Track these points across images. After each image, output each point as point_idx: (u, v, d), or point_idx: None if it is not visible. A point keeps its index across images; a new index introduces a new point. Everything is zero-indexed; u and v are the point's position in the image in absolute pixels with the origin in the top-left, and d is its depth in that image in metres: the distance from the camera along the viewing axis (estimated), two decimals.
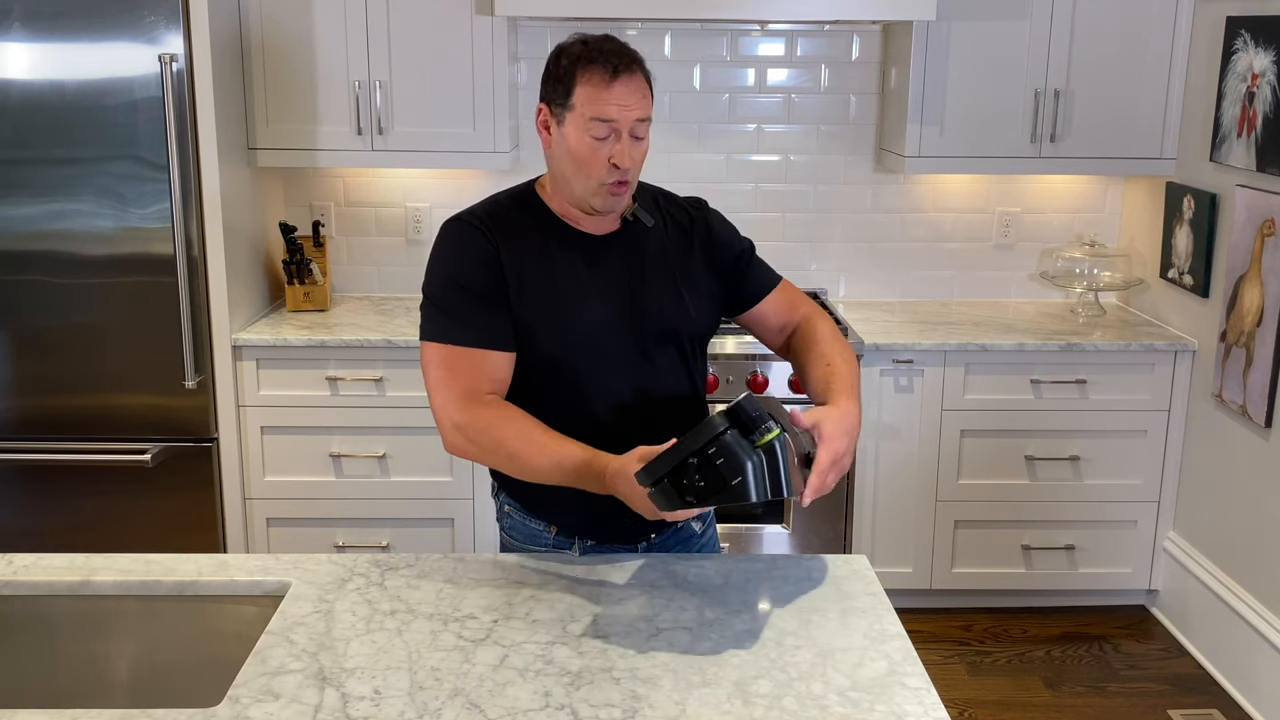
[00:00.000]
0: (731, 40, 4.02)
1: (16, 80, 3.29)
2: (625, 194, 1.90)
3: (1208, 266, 3.61)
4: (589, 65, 1.83)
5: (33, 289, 3.41)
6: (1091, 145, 3.77)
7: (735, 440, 1.59)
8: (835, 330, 2.08)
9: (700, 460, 1.59)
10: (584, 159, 1.85)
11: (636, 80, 1.85)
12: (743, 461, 1.58)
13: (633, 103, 1.83)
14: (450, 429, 1.88)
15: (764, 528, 3.73)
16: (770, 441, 1.61)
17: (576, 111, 1.84)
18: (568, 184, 1.91)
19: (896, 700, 1.58)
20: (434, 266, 1.95)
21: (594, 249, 1.96)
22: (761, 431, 1.61)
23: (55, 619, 1.88)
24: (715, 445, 1.59)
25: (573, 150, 1.86)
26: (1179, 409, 3.71)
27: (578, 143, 1.85)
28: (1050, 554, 3.80)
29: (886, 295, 4.22)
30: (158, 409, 3.49)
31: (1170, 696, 3.41)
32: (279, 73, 3.65)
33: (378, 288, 4.16)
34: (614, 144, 1.84)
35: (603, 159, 1.85)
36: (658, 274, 1.98)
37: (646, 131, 1.88)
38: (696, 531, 2.12)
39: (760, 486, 1.60)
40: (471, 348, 1.88)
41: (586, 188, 1.88)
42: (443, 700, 1.56)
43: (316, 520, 3.67)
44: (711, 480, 1.59)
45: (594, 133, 1.83)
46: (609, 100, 1.82)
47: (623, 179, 1.86)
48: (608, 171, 1.85)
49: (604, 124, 1.83)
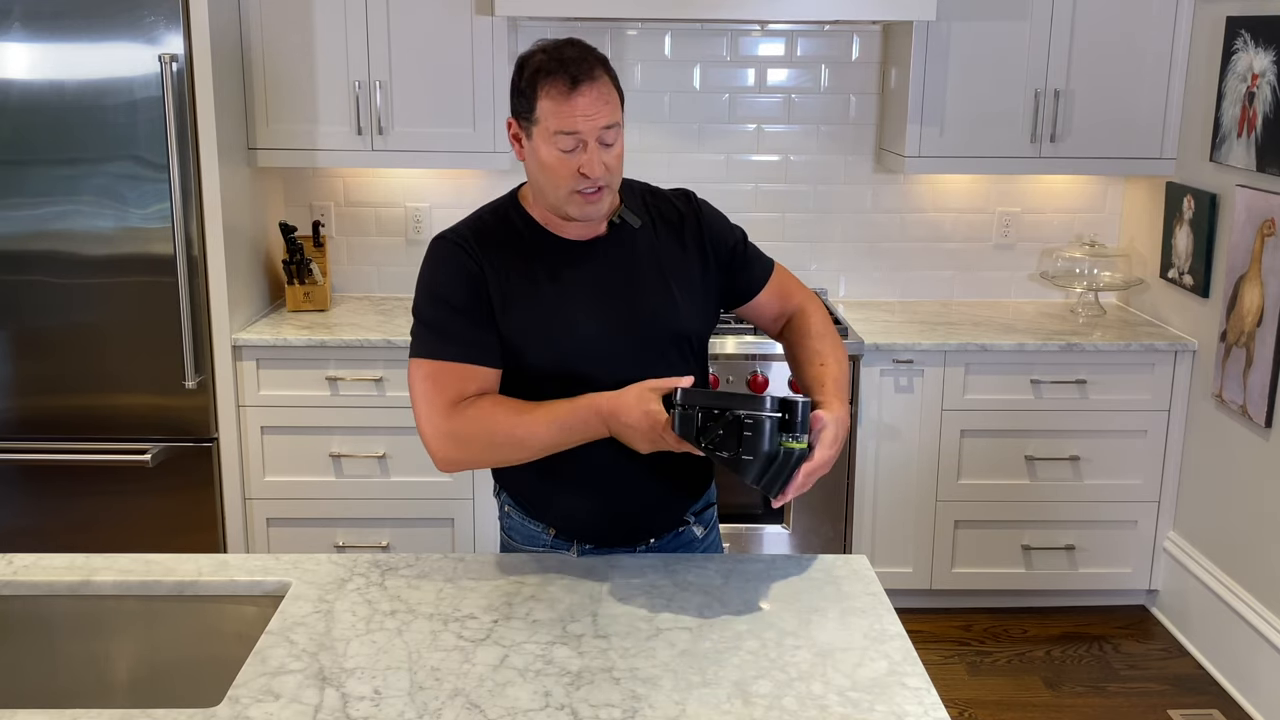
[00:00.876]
0: (731, 40, 4.02)
1: (16, 80, 3.29)
2: (602, 199, 1.87)
3: (1208, 266, 3.61)
4: (548, 77, 1.80)
5: (33, 289, 3.41)
6: (1091, 145, 3.77)
7: (773, 429, 1.71)
8: (827, 322, 2.10)
9: (734, 420, 1.70)
10: (554, 170, 1.84)
11: (599, 87, 1.81)
12: (762, 449, 1.70)
13: (595, 111, 1.80)
14: (439, 440, 1.85)
15: (764, 528, 3.73)
16: (794, 449, 1.73)
17: (541, 125, 1.82)
18: (543, 194, 1.90)
19: (896, 700, 1.58)
20: (420, 286, 1.94)
21: (581, 255, 1.94)
22: (796, 438, 1.73)
23: (55, 619, 1.88)
24: (753, 419, 1.70)
25: (543, 163, 1.84)
26: (1179, 409, 3.71)
27: (546, 155, 1.83)
28: (1050, 554, 3.80)
29: (886, 295, 4.22)
30: (158, 409, 3.49)
31: (1170, 696, 3.41)
32: (279, 72, 3.65)
33: (378, 288, 4.17)
34: (581, 154, 1.82)
35: (572, 169, 1.83)
36: (649, 276, 1.96)
37: (617, 136, 1.85)
38: (698, 536, 2.11)
39: (760, 476, 1.73)
40: (457, 363, 1.86)
41: (560, 197, 1.86)
42: (443, 700, 1.56)
43: (316, 520, 3.67)
44: (728, 441, 1.70)
45: (560, 145, 1.81)
46: (571, 113, 1.79)
47: (595, 186, 1.85)
48: (578, 180, 1.83)
49: (569, 136, 1.81)
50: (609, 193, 1.89)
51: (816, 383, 1.96)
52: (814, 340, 2.04)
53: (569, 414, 1.81)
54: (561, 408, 1.83)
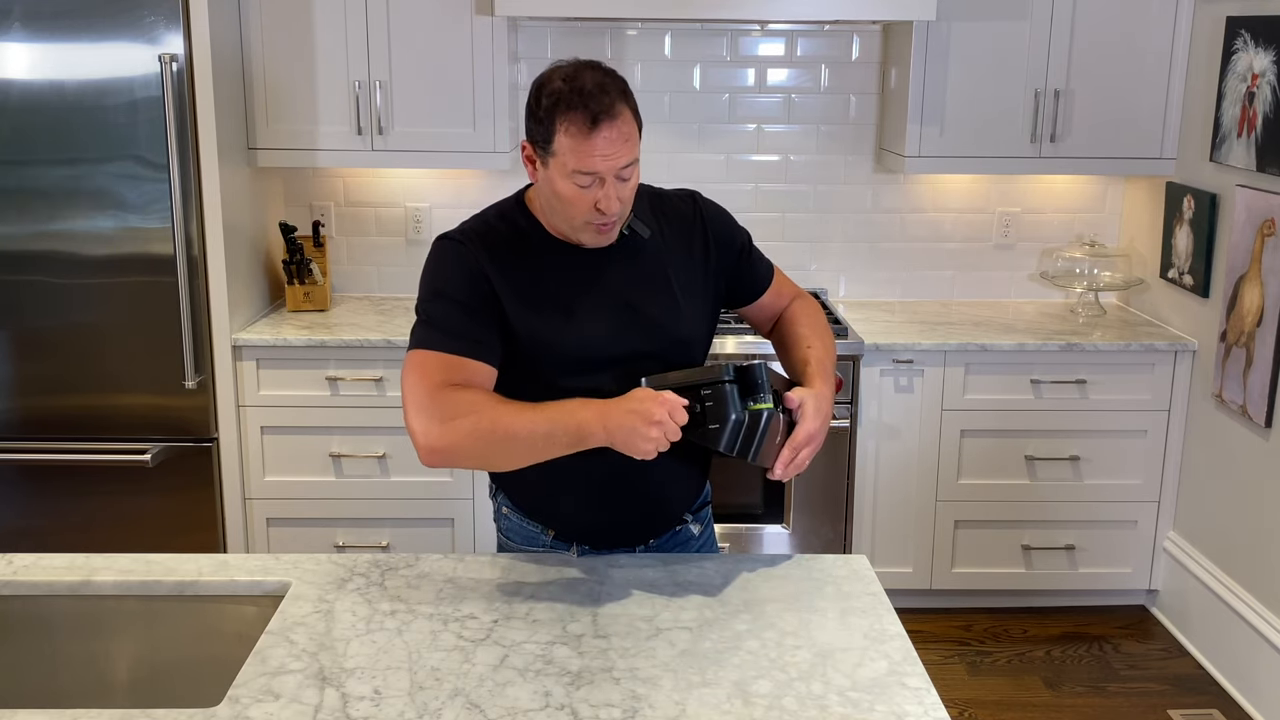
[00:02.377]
0: (731, 40, 4.02)
1: (16, 80, 3.29)
2: (614, 230, 1.87)
3: (1208, 266, 3.61)
4: (569, 112, 1.75)
5: (33, 289, 3.41)
6: (1091, 145, 3.77)
7: (731, 394, 1.75)
8: (816, 312, 2.12)
9: (694, 393, 1.75)
10: (569, 203, 1.82)
11: (619, 124, 1.77)
12: (728, 414, 1.74)
13: (615, 151, 1.77)
14: (421, 419, 1.76)
15: (764, 528, 3.73)
16: (760, 410, 1.77)
17: (559, 159, 1.78)
18: (555, 217, 1.88)
19: (896, 700, 1.58)
20: (423, 283, 1.91)
21: (589, 263, 1.93)
22: (758, 399, 1.77)
23: (55, 619, 1.88)
24: (712, 389, 1.75)
25: (558, 193, 1.82)
26: (1179, 409, 3.71)
27: (562, 188, 1.81)
28: (1050, 554, 3.80)
29: (886, 295, 4.22)
30: (158, 409, 3.49)
31: (1170, 696, 3.41)
32: (279, 73, 3.65)
33: (378, 288, 4.17)
34: (598, 189, 1.80)
35: (588, 204, 1.81)
36: (656, 284, 1.95)
37: (634, 172, 1.84)
38: (695, 534, 2.12)
39: (732, 442, 1.76)
40: (451, 354, 1.82)
41: (573, 226, 1.86)
42: (443, 700, 1.56)
43: (316, 520, 3.67)
44: (694, 415, 1.75)
45: (578, 183, 1.79)
46: (591, 153, 1.76)
47: (610, 221, 1.84)
48: (593, 215, 1.82)
49: (587, 175, 1.78)
50: (621, 221, 1.89)
51: (801, 364, 1.99)
52: (800, 327, 2.07)
53: (558, 408, 1.76)
54: (554, 404, 1.78)
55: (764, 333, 2.19)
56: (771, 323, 2.16)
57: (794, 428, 1.85)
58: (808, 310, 2.12)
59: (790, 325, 2.09)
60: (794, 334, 2.07)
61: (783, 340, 2.10)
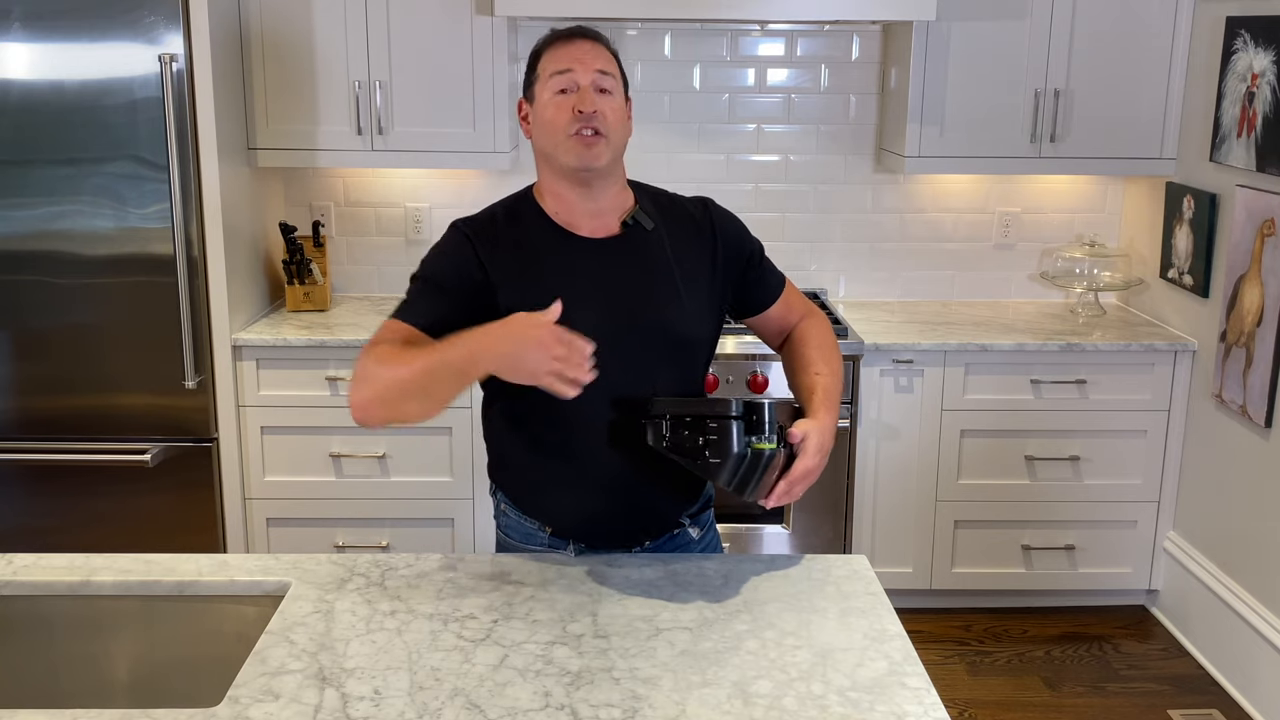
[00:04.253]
0: (731, 40, 4.02)
1: (16, 80, 3.29)
2: (599, 146, 1.88)
3: (1208, 266, 3.61)
4: (551, 41, 1.94)
5: (33, 289, 3.41)
6: (1091, 145, 3.77)
7: (739, 431, 1.75)
8: (827, 334, 2.10)
9: (699, 425, 1.76)
10: (552, 117, 1.89)
11: (595, 44, 1.93)
12: (729, 450, 1.75)
13: (588, 55, 1.90)
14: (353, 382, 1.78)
15: (764, 528, 3.73)
16: (762, 450, 1.76)
17: (541, 80, 1.92)
18: (545, 156, 1.94)
19: (896, 700, 1.58)
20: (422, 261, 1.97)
21: (591, 253, 1.94)
22: (762, 439, 1.76)
23: (55, 619, 1.88)
24: (719, 424, 1.75)
25: (541, 114, 1.91)
26: (1179, 409, 3.71)
27: (544, 104, 1.91)
28: (1050, 554, 3.80)
29: (886, 295, 4.22)
30: (158, 409, 3.49)
31: (1170, 696, 3.41)
32: (279, 73, 3.65)
33: (378, 288, 4.16)
34: (575, 96, 1.89)
35: (567, 110, 1.88)
36: (659, 278, 1.95)
37: (614, 87, 1.92)
38: (694, 538, 2.10)
39: (730, 478, 1.77)
40: (408, 325, 1.84)
41: (558, 145, 1.90)
42: (443, 700, 1.56)
43: (316, 520, 3.67)
44: (694, 445, 1.76)
45: (556, 87, 1.89)
46: (566, 54, 1.90)
47: (589, 125, 1.87)
48: (574, 121, 1.87)
49: (563, 75, 1.89)
50: (608, 145, 1.90)
51: (808, 391, 1.97)
52: (811, 349, 2.05)
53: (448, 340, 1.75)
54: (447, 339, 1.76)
55: (773, 346, 2.18)
56: (780, 337, 2.15)
57: (793, 460, 1.83)
58: (818, 331, 2.10)
59: (800, 346, 2.07)
60: (803, 356, 2.05)
61: (791, 361, 2.08)
